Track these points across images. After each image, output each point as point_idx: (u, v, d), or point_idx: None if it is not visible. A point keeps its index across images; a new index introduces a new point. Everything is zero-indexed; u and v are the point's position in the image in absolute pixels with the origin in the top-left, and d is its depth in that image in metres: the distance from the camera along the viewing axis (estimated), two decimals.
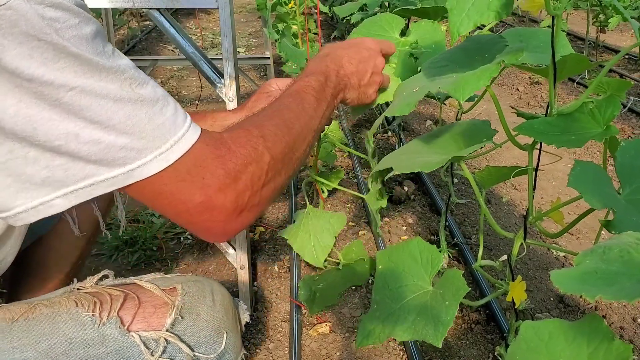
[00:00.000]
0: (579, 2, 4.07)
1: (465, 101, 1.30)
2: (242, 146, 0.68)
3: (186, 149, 0.63)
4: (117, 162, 0.60)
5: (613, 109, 0.69)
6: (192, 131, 0.65)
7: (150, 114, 0.62)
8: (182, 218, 0.67)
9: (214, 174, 0.65)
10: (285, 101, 0.80)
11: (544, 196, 2.19)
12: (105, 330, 0.69)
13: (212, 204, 0.65)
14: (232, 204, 0.66)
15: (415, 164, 0.76)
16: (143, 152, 0.61)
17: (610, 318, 1.53)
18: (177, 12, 5.83)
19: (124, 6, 1.33)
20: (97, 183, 0.61)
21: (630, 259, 0.49)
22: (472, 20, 0.62)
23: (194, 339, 0.72)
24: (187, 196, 0.64)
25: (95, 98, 0.58)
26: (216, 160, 0.65)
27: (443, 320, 0.75)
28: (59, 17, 0.55)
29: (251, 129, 0.71)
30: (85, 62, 0.57)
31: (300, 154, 0.76)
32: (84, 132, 0.58)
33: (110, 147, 0.59)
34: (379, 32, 1.00)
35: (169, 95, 0.66)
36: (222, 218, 0.66)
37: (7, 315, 0.68)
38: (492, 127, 0.82)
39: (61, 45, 0.55)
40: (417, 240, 0.90)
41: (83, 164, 0.59)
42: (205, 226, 0.67)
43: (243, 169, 0.66)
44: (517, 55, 0.67)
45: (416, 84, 0.74)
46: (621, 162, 0.67)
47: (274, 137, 0.71)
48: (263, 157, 0.69)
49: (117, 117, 0.59)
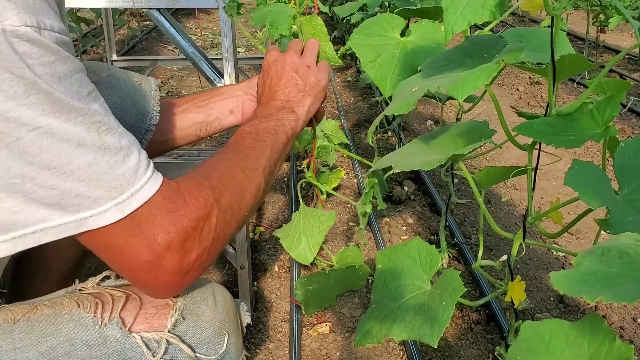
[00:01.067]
0: (579, 2, 4.06)
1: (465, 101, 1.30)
2: (195, 198, 0.67)
3: (143, 201, 0.63)
4: (71, 209, 0.59)
5: (612, 110, 0.69)
6: (151, 183, 0.64)
7: (111, 162, 0.60)
8: (127, 274, 0.67)
9: (166, 231, 0.64)
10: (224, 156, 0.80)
11: (543, 196, 2.19)
12: (106, 331, 0.68)
13: (158, 263, 0.64)
14: (177, 265, 0.66)
15: (414, 162, 0.76)
16: (98, 201, 0.60)
17: (610, 318, 1.53)
18: (177, 12, 5.83)
19: (124, 6, 1.33)
20: (47, 229, 0.60)
21: (629, 260, 0.49)
22: (466, 19, 0.62)
23: (195, 340, 0.72)
24: (135, 253, 0.64)
25: (57, 141, 0.56)
26: (170, 216, 0.64)
27: (439, 320, 0.75)
28: (33, 53, 0.54)
29: (201, 180, 0.71)
30: (56, 101, 0.56)
31: (249, 200, 0.76)
32: (40, 175, 0.56)
33: (65, 194, 0.58)
34: (379, 32, 1.00)
35: (135, 143, 0.65)
36: (166, 278, 0.66)
37: (9, 315, 0.68)
38: (491, 128, 0.82)
39: (33, 81, 0.54)
40: (416, 241, 0.90)
41: (35, 208, 0.58)
42: (149, 284, 0.68)
43: (195, 225, 0.66)
44: (516, 55, 0.67)
45: (415, 84, 0.74)
46: (620, 162, 0.67)
47: (221, 187, 0.71)
48: (213, 210, 0.69)
49: (77, 163, 0.58)
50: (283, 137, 0.88)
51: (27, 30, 0.53)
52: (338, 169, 2.07)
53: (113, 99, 0.93)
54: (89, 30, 4.37)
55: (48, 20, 0.56)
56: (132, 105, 0.96)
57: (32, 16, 0.54)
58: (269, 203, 2.14)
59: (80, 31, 3.69)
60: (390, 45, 0.99)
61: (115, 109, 0.94)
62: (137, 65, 2.98)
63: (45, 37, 0.55)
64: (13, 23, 0.52)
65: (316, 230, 1.15)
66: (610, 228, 0.59)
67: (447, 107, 2.98)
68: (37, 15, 0.54)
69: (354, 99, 3.35)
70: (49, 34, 0.55)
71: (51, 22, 0.56)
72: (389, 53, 0.98)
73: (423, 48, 0.96)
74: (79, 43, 3.73)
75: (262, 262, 1.77)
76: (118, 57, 2.86)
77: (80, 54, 3.74)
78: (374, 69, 0.97)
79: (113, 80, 0.95)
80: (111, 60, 2.81)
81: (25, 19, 0.53)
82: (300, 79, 0.95)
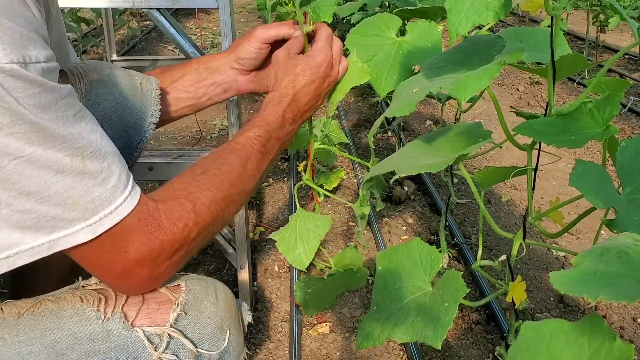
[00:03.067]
0: (579, 2, 4.06)
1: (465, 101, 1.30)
2: (173, 223, 0.70)
3: (115, 222, 0.65)
4: (45, 230, 0.61)
5: (612, 109, 0.69)
6: (127, 203, 0.66)
7: (89, 186, 0.62)
8: (100, 279, 0.72)
9: (137, 249, 0.67)
10: (229, 158, 0.80)
11: (544, 196, 2.19)
12: (109, 325, 0.69)
13: (128, 274, 0.68)
14: (147, 275, 0.69)
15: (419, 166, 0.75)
16: (72, 222, 0.62)
17: (610, 318, 1.53)
18: (177, 12, 5.82)
19: (124, 6, 1.33)
20: (21, 252, 0.61)
21: (628, 259, 0.49)
22: (470, 21, 0.61)
23: (197, 335, 0.73)
24: (107, 264, 0.67)
25: (38, 169, 0.58)
26: (143, 237, 0.67)
27: (442, 321, 0.75)
28: (19, 86, 0.55)
29: (185, 202, 0.72)
30: (41, 129, 0.57)
31: (230, 216, 0.79)
32: (16, 201, 0.58)
33: (41, 217, 0.60)
34: (376, 32, 1.00)
35: (119, 161, 0.67)
36: (134, 284, 0.71)
37: (14, 310, 0.69)
38: (491, 128, 0.82)
39: (20, 112, 0.55)
40: (416, 242, 0.90)
41: (9, 232, 0.60)
42: (118, 289, 0.72)
43: (168, 247, 0.69)
44: (517, 55, 0.67)
45: (415, 85, 0.74)
46: (621, 161, 0.67)
47: (206, 211, 0.73)
48: (190, 234, 0.71)
49: (55, 189, 0.60)
50: (282, 150, 0.89)
51: (12, 67, 0.55)
52: (338, 169, 2.06)
53: (114, 97, 0.94)
54: (89, 30, 4.37)
55: (34, 51, 0.57)
56: (133, 103, 0.96)
57: (19, 51, 0.55)
58: (269, 203, 2.14)
59: (80, 31, 3.69)
60: (386, 45, 0.98)
61: (117, 107, 0.94)
62: (137, 65, 2.98)
63: (31, 71, 0.56)
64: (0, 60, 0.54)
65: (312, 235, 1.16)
66: (616, 228, 0.59)
67: (447, 107, 2.98)
68: (24, 49, 0.56)
69: (354, 99, 3.35)
70: (34, 67, 0.57)
71: (37, 52, 0.58)
72: (385, 53, 0.98)
73: (419, 48, 0.96)
74: (79, 43, 3.73)
75: (262, 262, 1.76)
76: (118, 57, 2.86)
77: (80, 54, 3.74)
78: (369, 68, 0.97)
79: (114, 78, 0.95)
80: (111, 60, 2.81)
81: (11, 55, 0.55)
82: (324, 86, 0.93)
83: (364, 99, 3.32)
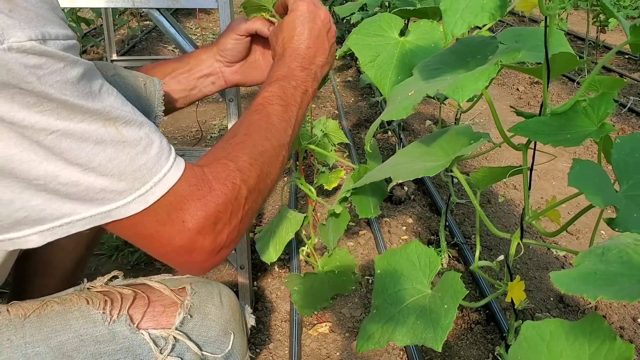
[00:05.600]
0: (579, 2, 4.06)
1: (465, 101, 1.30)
2: (222, 183, 0.68)
3: (166, 189, 0.64)
4: (96, 202, 0.61)
5: (606, 107, 0.69)
6: (174, 170, 0.65)
7: (132, 154, 0.61)
8: (162, 258, 0.69)
9: (195, 217, 0.65)
10: (253, 119, 0.80)
11: (543, 196, 2.19)
12: (115, 327, 0.69)
13: (191, 246, 0.66)
14: (210, 245, 0.67)
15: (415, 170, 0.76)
16: (122, 193, 0.61)
17: (610, 318, 1.53)
18: (177, 12, 5.83)
19: (124, 6, 1.33)
20: (74, 222, 0.61)
21: (629, 259, 0.49)
22: (466, 22, 0.61)
23: (202, 338, 0.73)
24: (166, 239, 0.65)
25: (75, 141, 0.58)
26: (197, 202, 0.66)
27: (442, 323, 0.75)
28: (42, 63, 0.55)
29: (228, 162, 0.71)
30: (69, 106, 0.57)
31: (274, 175, 0.78)
32: (63, 173, 0.58)
33: (89, 189, 0.60)
34: (378, 32, 1.00)
35: (156, 130, 0.66)
36: (201, 259, 0.68)
37: (20, 311, 0.69)
38: (486, 129, 0.82)
39: (44, 92, 0.55)
40: (414, 244, 0.90)
41: (61, 203, 0.59)
42: (185, 266, 0.70)
43: (223, 209, 0.68)
44: (513, 55, 0.67)
45: (411, 88, 0.74)
46: (617, 158, 0.67)
47: (249, 168, 0.72)
48: (241, 192, 0.70)
49: (98, 160, 0.59)
50: (305, 106, 0.88)
51: (32, 44, 0.54)
52: (338, 169, 2.06)
53: None
54: (89, 30, 4.38)
55: (52, 29, 0.57)
56: (137, 104, 0.95)
57: (37, 28, 0.55)
58: (269, 203, 2.14)
59: (80, 31, 3.69)
60: (389, 45, 0.98)
61: None
62: (137, 65, 2.96)
63: (51, 46, 0.56)
64: (18, 39, 0.53)
65: (285, 231, 1.17)
66: (618, 226, 0.59)
67: (447, 107, 2.98)
68: (41, 26, 0.55)
69: (354, 99, 3.35)
70: (54, 43, 0.56)
71: (55, 30, 0.57)
72: (388, 53, 0.98)
73: (422, 48, 0.96)
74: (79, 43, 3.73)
75: (262, 262, 1.76)
76: (118, 57, 2.85)
77: (80, 53, 3.74)
78: (372, 68, 0.97)
79: (119, 79, 0.95)
80: (111, 60, 2.81)
81: (29, 33, 0.54)
82: (327, 41, 0.93)
83: (364, 99, 3.32)
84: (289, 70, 0.88)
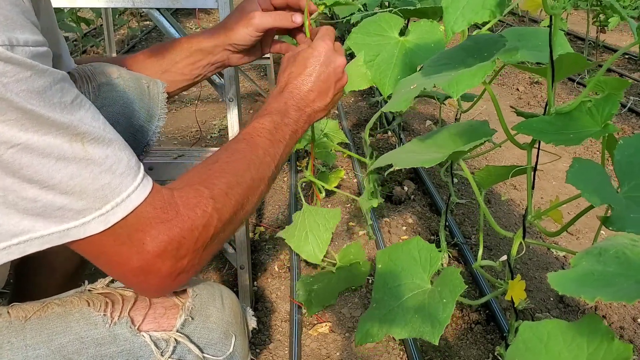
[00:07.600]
0: (579, 2, 4.06)
1: (464, 100, 1.30)
2: (191, 209, 0.66)
3: (129, 211, 0.62)
4: (54, 220, 0.59)
5: (611, 108, 0.69)
6: (140, 191, 0.63)
7: (95, 173, 0.59)
8: (118, 278, 0.68)
9: (156, 240, 0.63)
10: (239, 146, 0.78)
11: (544, 196, 2.19)
12: (116, 329, 0.69)
13: (148, 269, 0.64)
14: (169, 269, 0.65)
15: (415, 160, 0.76)
16: (82, 212, 0.59)
17: (610, 318, 1.53)
18: (177, 12, 5.82)
19: (124, 6, 1.33)
20: (31, 240, 0.59)
21: (626, 260, 0.49)
22: (466, 19, 0.62)
23: (203, 340, 0.73)
24: (124, 259, 0.64)
25: (37, 157, 0.55)
26: (161, 226, 0.64)
27: (440, 318, 0.75)
28: (7, 71, 0.52)
29: (202, 189, 0.69)
30: (35, 116, 0.54)
31: (250, 207, 0.76)
32: (20, 189, 0.56)
33: (48, 206, 0.58)
34: (378, 32, 1.00)
35: (125, 148, 0.64)
36: (156, 282, 0.66)
37: (20, 313, 0.69)
38: (491, 127, 0.82)
39: (9, 99, 0.53)
40: (416, 240, 0.90)
41: (19, 219, 0.58)
42: (139, 287, 0.69)
43: (188, 235, 0.66)
44: (512, 54, 0.67)
45: (414, 82, 0.75)
46: (619, 159, 0.67)
47: (224, 197, 0.70)
48: (211, 220, 0.68)
49: (59, 177, 0.57)
50: (291, 145, 0.87)
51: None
52: (338, 169, 2.06)
53: (122, 100, 0.94)
54: (89, 30, 4.38)
55: (21, 34, 0.55)
56: (140, 106, 0.96)
57: (3, 34, 0.53)
58: (268, 203, 2.14)
59: (80, 31, 3.69)
60: (389, 44, 0.99)
61: (124, 111, 0.94)
62: None
63: (19, 53, 0.54)
64: None
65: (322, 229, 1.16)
66: (612, 225, 0.59)
67: (447, 107, 2.98)
68: (9, 31, 0.54)
69: (354, 99, 3.35)
70: (23, 50, 0.54)
71: (25, 36, 0.55)
72: (388, 52, 0.98)
73: (422, 47, 0.96)
74: (79, 43, 3.74)
75: (262, 262, 1.77)
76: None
77: (80, 54, 3.74)
78: (373, 68, 0.97)
79: (122, 81, 0.95)
80: None
81: None
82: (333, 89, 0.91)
83: (364, 99, 3.32)
84: (285, 106, 0.87)
